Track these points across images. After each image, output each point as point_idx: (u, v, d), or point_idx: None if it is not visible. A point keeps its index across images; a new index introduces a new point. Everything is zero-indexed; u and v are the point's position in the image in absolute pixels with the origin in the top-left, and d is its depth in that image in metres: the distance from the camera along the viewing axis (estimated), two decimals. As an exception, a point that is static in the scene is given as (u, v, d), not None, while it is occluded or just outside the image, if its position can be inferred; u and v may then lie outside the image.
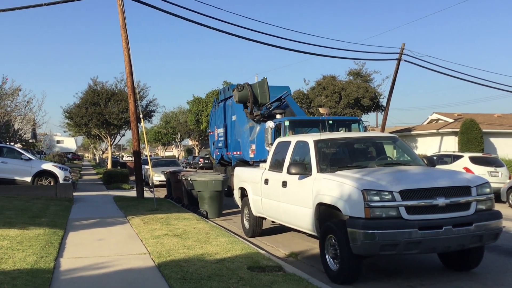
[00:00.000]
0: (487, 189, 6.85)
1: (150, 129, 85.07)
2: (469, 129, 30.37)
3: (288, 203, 8.38)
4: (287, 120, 14.46)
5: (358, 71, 40.55)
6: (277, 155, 9.32)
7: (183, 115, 74.35)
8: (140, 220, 11.29)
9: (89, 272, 6.72)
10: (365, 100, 37.54)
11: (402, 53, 28.81)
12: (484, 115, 37.35)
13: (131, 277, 6.42)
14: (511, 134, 33.63)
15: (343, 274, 6.67)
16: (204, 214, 13.62)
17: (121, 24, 16.65)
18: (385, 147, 8.96)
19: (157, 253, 7.66)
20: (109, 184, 24.65)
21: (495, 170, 18.26)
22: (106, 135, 42.51)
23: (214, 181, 13.93)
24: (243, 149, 17.29)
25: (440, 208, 6.40)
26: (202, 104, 56.71)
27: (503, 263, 7.88)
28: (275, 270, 6.79)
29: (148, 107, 41.01)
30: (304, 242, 9.82)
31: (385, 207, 6.28)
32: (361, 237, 6.19)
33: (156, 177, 24.31)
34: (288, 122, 14.36)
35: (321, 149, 8.03)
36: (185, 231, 9.72)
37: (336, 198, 6.80)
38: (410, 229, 6.17)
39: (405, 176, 6.96)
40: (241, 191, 10.91)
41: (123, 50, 16.80)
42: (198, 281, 6.04)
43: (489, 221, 6.61)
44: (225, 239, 8.90)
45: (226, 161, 19.93)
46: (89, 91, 38.93)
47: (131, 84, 17.15)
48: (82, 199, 17.13)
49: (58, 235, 9.19)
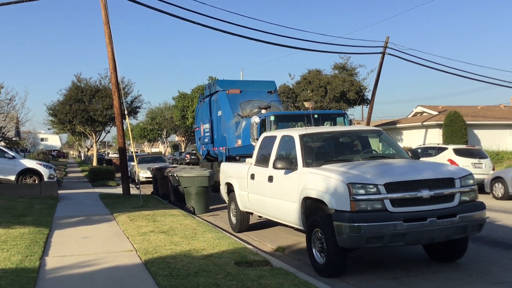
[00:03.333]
0: (470, 180, 6.93)
1: (136, 126, 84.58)
2: (453, 121, 30.71)
3: (274, 198, 8.40)
4: (272, 115, 14.45)
5: (343, 65, 40.75)
6: (262, 150, 9.33)
7: (169, 111, 74.02)
8: (126, 217, 11.23)
9: (75, 270, 6.67)
10: (351, 94, 37.75)
11: (387, 47, 28.99)
12: (468, 107, 37.78)
13: (117, 275, 6.39)
14: (494, 126, 34.10)
15: (329, 267, 6.72)
16: (191, 210, 13.60)
17: (104, 19, 16.48)
18: (370, 140, 9.01)
19: (143, 250, 7.64)
20: (95, 182, 24.49)
21: (478, 162, 18.48)
22: (91, 132, 42.20)
23: (200, 177, 13.91)
24: (229, 144, 17.29)
25: (425, 200, 6.47)
26: (187, 100, 56.50)
27: (487, 254, 8.00)
28: (262, 264, 6.82)
29: (133, 103, 40.77)
30: (291, 236, 9.86)
31: (370, 200, 6.32)
32: (347, 230, 6.23)
33: (142, 173, 24.19)
34: (274, 117, 14.33)
35: (306, 144, 8.06)
36: (172, 228, 9.70)
37: (322, 192, 6.84)
38: (395, 221, 6.23)
39: (389, 169, 7.01)
40: (227, 186, 10.90)
41: (107, 46, 16.66)
42: (185, 277, 6.04)
43: (473, 212, 6.69)
44: (212, 235, 8.90)
45: (212, 157, 19.89)
46: (72, 88, 38.57)
47: (115, 80, 17.01)
48: (68, 197, 17.00)
49: (43, 234, 9.11)
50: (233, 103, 17.52)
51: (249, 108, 17.21)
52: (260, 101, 17.48)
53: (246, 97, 17.82)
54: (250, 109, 17.13)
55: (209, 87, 20.30)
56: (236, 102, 17.55)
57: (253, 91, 18.22)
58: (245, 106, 17.40)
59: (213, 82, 19.68)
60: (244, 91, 18.14)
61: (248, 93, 18.08)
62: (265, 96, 18.07)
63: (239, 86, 18.60)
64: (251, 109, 17.03)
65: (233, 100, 17.62)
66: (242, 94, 17.99)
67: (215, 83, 19.27)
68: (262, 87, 18.34)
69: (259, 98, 17.84)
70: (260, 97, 17.94)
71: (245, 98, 17.80)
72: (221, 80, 20.09)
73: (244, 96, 17.87)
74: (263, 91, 18.29)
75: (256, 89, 18.28)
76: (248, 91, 18.16)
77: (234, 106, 17.42)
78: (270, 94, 18.31)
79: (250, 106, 17.29)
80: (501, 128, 34.29)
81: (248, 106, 17.34)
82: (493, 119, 34.70)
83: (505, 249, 8.32)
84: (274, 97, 18.35)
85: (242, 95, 17.94)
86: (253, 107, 17.09)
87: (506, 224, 10.74)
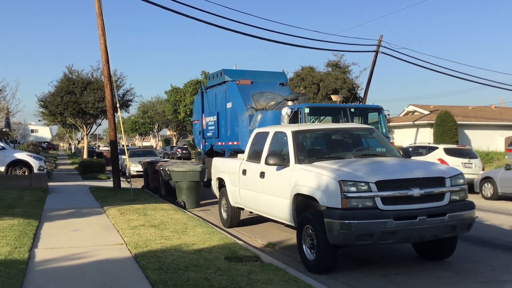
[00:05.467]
0: (461, 180, 6.98)
1: (127, 119, 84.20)
2: (444, 121, 30.91)
3: (266, 194, 8.41)
4: (307, 106, 13.61)
5: (337, 62, 40.84)
6: (255, 145, 9.33)
7: (161, 105, 73.80)
8: (117, 211, 11.19)
9: (64, 263, 6.64)
10: (343, 92, 37.83)
11: (380, 45, 29.08)
12: (459, 107, 38.02)
13: (107, 268, 6.37)
14: (485, 126, 34.35)
15: (319, 264, 6.75)
16: (182, 204, 13.58)
17: (97, 11, 16.36)
18: (362, 138, 9.05)
19: (134, 244, 7.62)
20: (85, 174, 24.35)
21: (469, 162, 18.61)
22: (82, 124, 41.91)
23: (192, 171, 13.88)
24: (241, 139, 16.04)
25: (415, 199, 6.51)
26: (180, 94, 56.33)
27: (475, 253, 8.07)
28: (253, 260, 6.83)
29: (125, 97, 40.53)
30: (282, 232, 9.88)
31: (361, 197, 6.35)
32: (337, 227, 6.25)
33: (133, 167, 24.09)
34: (308, 109, 13.54)
35: (299, 140, 8.07)
36: (162, 222, 9.68)
37: (314, 188, 6.85)
38: (385, 219, 6.26)
39: (381, 167, 7.04)
40: (219, 181, 10.90)
41: (99, 38, 16.54)
42: (175, 271, 6.03)
43: (462, 212, 6.74)
44: (203, 230, 8.89)
45: (216, 152, 18.51)
46: (64, 80, 38.26)
47: (107, 73, 16.90)
48: (57, 190, 16.90)
49: (32, 226, 9.06)
50: (245, 95, 16.47)
51: (263, 100, 16.26)
52: (273, 93, 16.66)
53: (257, 89, 16.88)
54: (264, 101, 16.20)
55: (214, 77, 19.02)
56: (248, 93, 16.52)
57: (264, 82, 17.32)
58: (258, 98, 16.42)
59: (220, 71, 18.32)
60: (255, 82, 17.16)
61: (259, 84, 17.14)
62: (278, 88, 17.21)
63: (249, 76, 17.48)
64: (267, 102, 16.11)
65: (245, 92, 16.60)
66: (253, 85, 17.00)
67: (222, 72, 17.98)
68: (273, 79, 17.50)
69: (272, 90, 16.98)
70: (273, 89, 17.07)
71: (257, 89, 16.86)
72: (229, 69, 18.75)
73: (255, 88, 16.90)
74: (275, 82, 17.45)
75: (267, 80, 17.39)
76: (259, 82, 17.22)
77: (246, 98, 16.37)
78: (282, 86, 17.46)
79: (263, 99, 16.36)
80: (492, 129, 34.56)
81: (261, 99, 16.38)
82: (483, 120, 34.96)
83: (493, 248, 8.40)
84: (286, 89, 17.50)
85: (253, 86, 16.95)
86: (267, 100, 16.21)
87: (494, 224, 10.83)
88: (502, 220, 11.36)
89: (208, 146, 19.37)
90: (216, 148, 18.53)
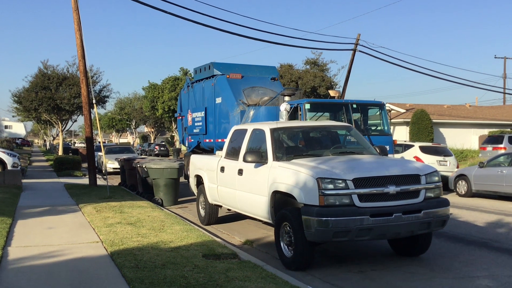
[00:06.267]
0: (435, 177, 7.08)
1: (104, 115, 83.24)
2: (420, 119, 31.34)
3: (244, 191, 8.41)
4: (308, 102, 13.16)
5: (315, 60, 41.02)
6: (233, 143, 9.30)
7: (138, 101, 73.04)
8: (93, 208, 11.05)
9: (39, 261, 6.53)
10: (322, 89, 38.05)
11: (358, 44, 29.30)
12: (435, 106, 38.61)
13: (82, 266, 6.29)
14: (459, 124, 34.95)
15: (297, 261, 6.78)
16: (159, 202, 13.49)
17: (73, 6, 16.11)
18: (339, 136, 9.11)
19: (110, 242, 7.53)
20: (60, 171, 23.97)
21: (443, 159, 18.91)
22: (57, 120, 41.28)
23: (169, 168, 13.80)
24: None
25: (391, 196, 6.58)
26: (158, 90, 55.84)
27: (449, 249, 8.21)
28: (230, 257, 6.82)
29: (102, 92, 40.03)
30: (260, 229, 9.90)
31: (338, 195, 6.40)
32: (315, 224, 6.29)
33: (109, 164, 23.83)
34: (309, 104, 13.13)
35: (277, 138, 8.08)
36: (139, 219, 9.59)
37: (292, 186, 6.88)
38: (362, 216, 6.32)
39: (358, 165, 7.10)
40: (197, 178, 10.85)
41: (75, 33, 16.29)
42: (152, 269, 5.99)
43: (437, 209, 6.85)
44: (180, 227, 8.85)
45: (203, 149, 17.74)
46: (39, 75, 37.60)
47: (83, 68, 16.66)
48: (32, 187, 16.60)
49: (5, 224, 8.88)
50: (236, 90, 15.82)
51: (254, 95, 15.70)
52: (265, 89, 16.17)
53: (248, 83, 16.24)
54: (256, 96, 15.63)
55: (201, 70, 18.21)
56: (239, 88, 15.89)
57: (255, 76, 16.72)
58: (250, 93, 15.82)
59: (209, 64, 17.53)
60: (245, 76, 16.48)
61: (250, 78, 16.51)
62: (269, 83, 16.68)
63: (239, 70, 16.75)
64: (259, 97, 15.54)
65: (235, 86, 15.94)
66: (244, 79, 16.32)
67: (211, 65, 17.20)
68: (264, 73, 16.94)
69: (263, 85, 16.42)
70: (264, 83, 16.51)
71: (248, 84, 16.21)
72: (219, 62, 17.81)
73: (246, 82, 16.25)
74: (266, 77, 16.91)
75: (258, 75, 16.83)
76: (250, 77, 16.60)
77: (237, 93, 15.73)
78: (274, 81, 16.94)
79: (255, 94, 15.79)
80: (466, 127, 35.18)
81: (253, 94, 15.80)
82: (458, 118, 35.57)
83: (467, 244, 8.56)
84: (278, 85, 17.04)
85: (244, 80, 16.29)
86: (259, 95, 15.66)
87: (468, 221, 11.04)
88: (476, 217, 11.59)
89: (195, 143, 18.79)
90: (203, 145, 17.94)
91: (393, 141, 13.83)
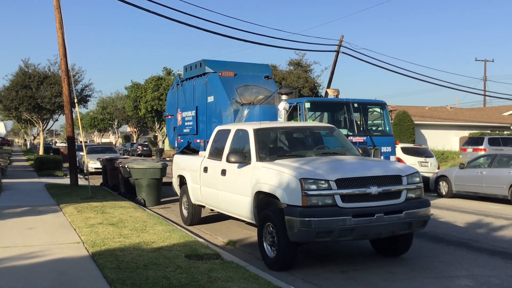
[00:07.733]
0: (417, 178, 7.16)
1: (86, 115, 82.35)
2: (402, 120, 31.66)
3: (227, 192, 8.40)
4: (308, 101, 12.89)
5: (299, 61, 41.16)
6: (216, 143, 9.29)
7: (121, 101, 72.43)
8: (74, 209, 10.93)
9: (18, 262, 6.44)
10: (305, 90, 38.19)
11: (341, 45, 29.47)
12: (416, 107, 39.04)
13: (63, 267, 6.22)
14: (440, 126, 35.41)
15: (279, 261, 6.79)
16: (142, 202, 13.41)
17: (55, 4, 15.93)
18: (322, 137, 9.15)
19: (91, 242, 7.46)
20: (41, 171, 23.68)
21: (425, 160, 19.14)
22: (38, 119, 40.72)
23: (152, 168, 13.72)
24: None
25: (373, 196, 6.64)
26: (141, 90, 55.40)
27: (430, 249, 8.31)
28: (213, 258, 6.81)
29: (84, 92, 39.58)
30: (243, 230, 9.90)
31: (321, 195, 6.43)
32: (298, 224, 6.31)
33: (91, 164, 23.59)
34: (309, 103, 12.88)
35: (260, 138, 8.09)
36: (121, 220, 9.52)
37: (275, 186, 6.89)
38: (344, 216, 6.36)
39: (341, 166, 7.14)
40: (180, 179, 10.81)
41: (57, 32, 16.11)
42: (134, 270, 5.95)
43: (418, 209, 6.92)
44: (163, 228, 8.80)
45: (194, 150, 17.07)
46: (20, 74, 37.08)
47: (65, 67, 16.48)
48: (12, 187, 16.36)
49: (-16, 224, 8.74)
50: (229, 88, 15.38)
51: (248, 94, 15.35)
52: (258, 87, 15.81)
53: (241, 82, 15.82)
54: (250, 95, 15.31)
55: (193, 67, 17.63)
56: (232, 86, 15.46)
57: (248, 75, 16.28)
58: (243, 92, 15.43)
59: (200, 62, 17.08)
60: (238, 74, 16.01)
61: (243, 77, 16.05)
62: (263, 82, 16.29)
63: (232, 68, 16.30)
64: (253, 96, 15.24)
65: (228, 84, 15.50)
66: (237, 78, 15.88)
67: (202, 62, 16.75)
68: (257, 71, 16.59)
69: (257, 83, 16.04)
70: (257, 82, 16.11)
71: (241, 82, 15.80)
72: (210, 60, 17.37)
73: (239, 81, 15.83)
74: (259, 75, 16.55)
75: (251, 73, 16.43)
76: (243, 75, 16.13)
77: (230, 92, 15.31)
78: (267, 80, 16.54)
79: (248, 93, 15.44)
80: (447, 129, 35.65)
81: (246, 92, 15.42)
82: (439, 120, 36.04)
83: (447, 245, 8.67)
84: (272, 83, 16.65)
85: (237, 79, 15.85)
86: (253, 94, 15.36)
87: (448, 221, 11.18)
88: (456, 217, 11.74)
89: (185, 143, 18.41)
90: (194, 145, 17.60)
91: (395, 141, 13.74)
